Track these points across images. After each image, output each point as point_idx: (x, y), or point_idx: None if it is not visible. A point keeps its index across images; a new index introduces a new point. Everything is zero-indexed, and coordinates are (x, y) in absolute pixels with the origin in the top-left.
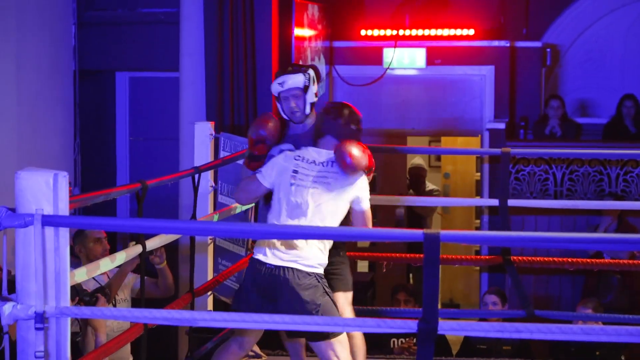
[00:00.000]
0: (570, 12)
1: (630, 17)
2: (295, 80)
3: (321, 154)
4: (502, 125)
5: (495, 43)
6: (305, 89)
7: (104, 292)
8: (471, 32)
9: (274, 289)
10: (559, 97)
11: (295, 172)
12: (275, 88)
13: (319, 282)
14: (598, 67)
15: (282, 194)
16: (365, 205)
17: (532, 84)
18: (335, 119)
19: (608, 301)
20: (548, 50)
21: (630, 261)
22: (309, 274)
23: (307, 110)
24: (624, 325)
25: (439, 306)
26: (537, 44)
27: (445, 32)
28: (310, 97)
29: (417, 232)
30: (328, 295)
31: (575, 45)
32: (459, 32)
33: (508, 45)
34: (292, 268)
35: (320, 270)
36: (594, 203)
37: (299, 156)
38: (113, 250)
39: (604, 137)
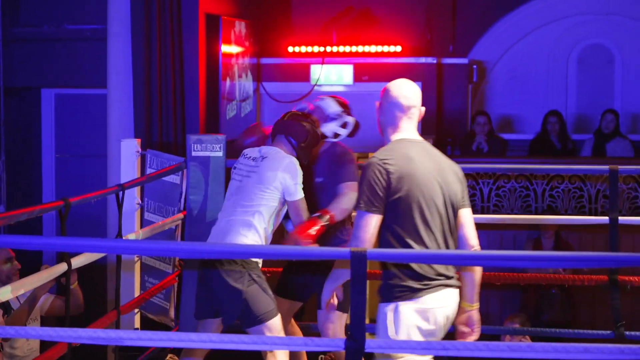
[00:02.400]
0: (495, 29)
1: (554, 35)
2: None
3: (261, 151)
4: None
5: (422, 60)
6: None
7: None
8: (398, 48)
9: (210, 278)
10: (485, 113)
11: (235, 167)
12: None
13: (244, 268)
14: (524, 83)
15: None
16: (296, 196)
17: (458, 100)
18: (286, 119)
19: (549, 317)
20: (474, 66)
21: (555, 275)
22: (235, 261)
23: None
24: (556, 340)
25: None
26: (464, 60)
27: (373, 48)
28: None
29: (344, 250)
30: (256, 282)
31: (501, 62)
32: (386, 48)
33: (435, 62)
34: None
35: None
36: (521, 218)
37: (244, 154)
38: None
39: (530, 152)
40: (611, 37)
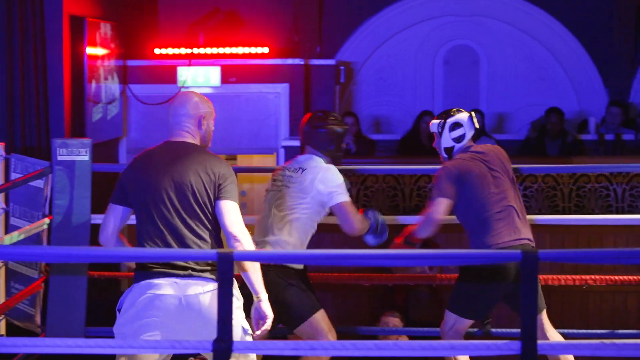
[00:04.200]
0: (362, 30)
1: (420, 36)
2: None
3: (299, 163)
4: (297, 143)
5: (290, 61)
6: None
7: None
8: (265, 50)
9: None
10: (353, 114)
11: (273, 179)
12: None
13: (280, 278)
14: (391, 84)
15: None
16: (332, 202)
17: (326, 101)
18: (306, 129)
19: (417, 315)
20: (342, 68)
21: (423, 275)
22: (267, 272)
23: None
24: (425, 338)
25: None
26: (331, 61)
27: (240, 50)
28: (445, 142)
29: (211, 252)
30: (293, 286)
31: (368, 63)
32: (253, 50)
33: (302, 63)
34: None
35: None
36: (389, 218)
37: (286, 167)
38: None
39: (399, 151)
40: (476, 38)
